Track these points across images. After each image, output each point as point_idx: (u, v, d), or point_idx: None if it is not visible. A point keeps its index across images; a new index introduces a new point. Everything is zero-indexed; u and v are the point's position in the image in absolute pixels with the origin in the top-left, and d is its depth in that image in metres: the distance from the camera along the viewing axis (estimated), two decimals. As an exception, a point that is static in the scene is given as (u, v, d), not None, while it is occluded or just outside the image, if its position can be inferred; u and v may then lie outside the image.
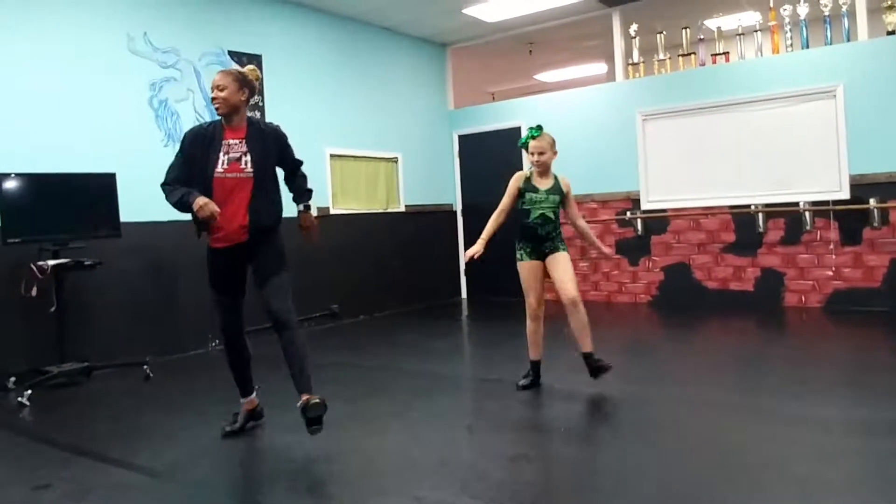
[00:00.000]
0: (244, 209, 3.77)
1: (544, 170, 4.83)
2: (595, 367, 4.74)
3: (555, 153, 4.85)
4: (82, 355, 5.73)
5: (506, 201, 4.90)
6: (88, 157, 6.09)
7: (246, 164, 3.77)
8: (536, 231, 4.79)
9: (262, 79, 4.02)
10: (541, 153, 4.78)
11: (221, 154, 3.76)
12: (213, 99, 3.79)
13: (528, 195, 4.81)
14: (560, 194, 4.82)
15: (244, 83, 3.84)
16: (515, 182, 4.86)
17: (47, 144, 5.87)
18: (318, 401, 3.60)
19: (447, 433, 4.00)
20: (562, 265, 4.78)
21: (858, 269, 7.41)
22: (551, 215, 4.79)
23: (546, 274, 4.85)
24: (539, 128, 4.85)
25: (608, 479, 3.26)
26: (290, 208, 4.11)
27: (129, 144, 6.43)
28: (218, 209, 3.65)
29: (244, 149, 3.78)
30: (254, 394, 4.20)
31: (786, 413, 4.04)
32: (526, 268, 4.84)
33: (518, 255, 4.88)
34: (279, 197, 3.98)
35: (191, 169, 3.80)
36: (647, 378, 4.86)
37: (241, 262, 3.89)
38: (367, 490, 3.20)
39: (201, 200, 3.63)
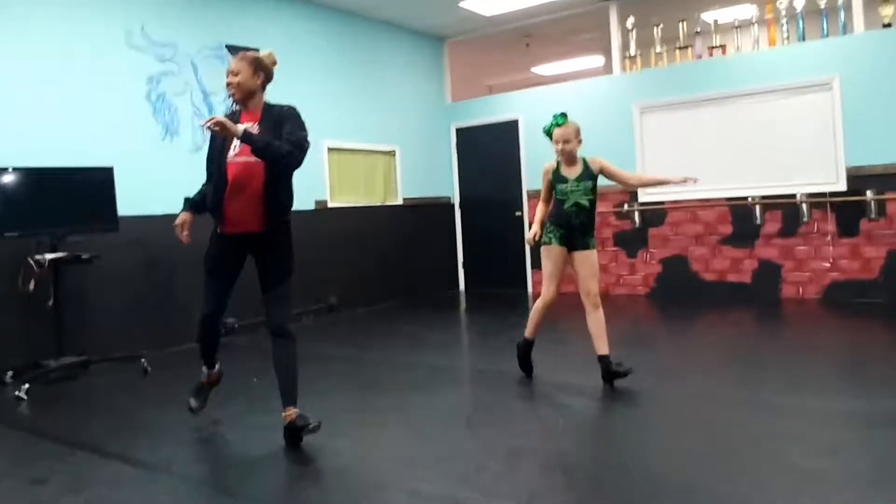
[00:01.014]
0: (258, 197, 3.69)
1: (569, 159, 4.74)
2: (610, 372, 4.62)
3: (580, 141, 4.74)
4: (80, 349, 5.74)
5: (543, 194, 4.89)
6: (86, 151, 6.08)
7: None
8: (570, 220, 4.69)
9: (278, 62, 3.96)
10: (566, 142, 4.68)
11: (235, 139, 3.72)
12: (228, 84, 3.76)
13: (558, 186, 4.73)
14: (592, 178, 4.71)
15: (259, 67, 3.80)
16: (545, 176, 4.81)
17: (44, 138, 5.85)
18: (302, 424, 3.67)
19: (445, 426, 4.01)
20: (589, 263, 4.72)
21: (856, 261, 7.42)
22: (586, 203, 4.68)
23: (568, 265, 4.80)
24: (564, 115, 4.73)
25: (606, 472, 3.27)
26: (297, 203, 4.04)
27: (126, 138, 6.42)
28: (185, 235, 3.84)
29: (256, 132, 3.67)
30: (217, 366, 4.24)
31: (784, 405, 4.04)
32: (552, 252, 4.75)
33: (546, 239, 4.78)
34: (291, 185, 3.89)
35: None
36: (645, 371, 4.86)
37: (244, 253, 3.85)
38: (365, 483, 3.20)
39: (177, 220, 3.86)
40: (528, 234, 4.86)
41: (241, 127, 3.57)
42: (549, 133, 4.75)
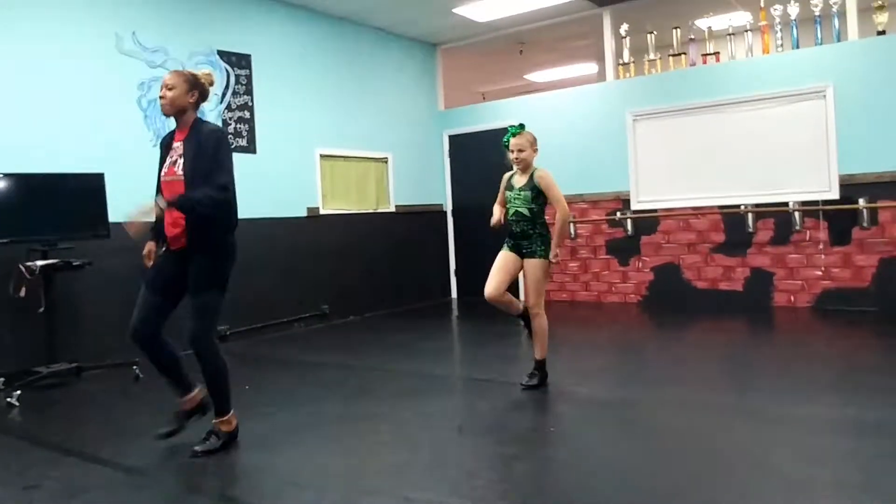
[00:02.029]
0: (179, 215, 3.69)
1: (524, 167, 4.90)
2: (528, 376, 4.86)
3: (535, 151, 4.92)
4: (72, 356, 5.70)
5: (499, 198, 5.07)
6: (77, 157, 6.06)
7: (179, 166, 3.74)
8: (512, 227, 4.91)
9: (215, 83, 3.97)
10: (520, 150, 4.85)
11: (169, 158, 3.82)
12: (161, 97, 3.78)
13: (507, 193, 4.95)
14: (533, 190, 4.82)
15: (195, 85, 3.82)
16: (503, 182, 5.03)
17: (35, 144, 5.84)
18: (204, 440, 3.78)
19: (437, 433, 4.00)
20: (530, 273, 4.86)
21: (847, 269, 7.44)
22: (525, 212, 4.83)
23: (519, 270, 4.96)
24: (521, 126, 4.94)
25: (597, 480, 3.27)
26: (279, 208, 4.07)
27: (117, 144, 6.40)
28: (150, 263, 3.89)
29: (181, 151, 3.76)
30: (195, 390, 4.00)
31: (775, 413, 4.05)
32: (500, 254, 4.97)
33: (503, 245, 5.02)
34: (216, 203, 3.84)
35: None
36: (637, 379, 4.87)
37: (183, 271, 3.79)
38: (356, 490, 3.19)
39: (145, 249, 3.96)
40: (493, 220, 5.02)
41: (161, 202, 3.65)
42: (506, 144, 4.94)
